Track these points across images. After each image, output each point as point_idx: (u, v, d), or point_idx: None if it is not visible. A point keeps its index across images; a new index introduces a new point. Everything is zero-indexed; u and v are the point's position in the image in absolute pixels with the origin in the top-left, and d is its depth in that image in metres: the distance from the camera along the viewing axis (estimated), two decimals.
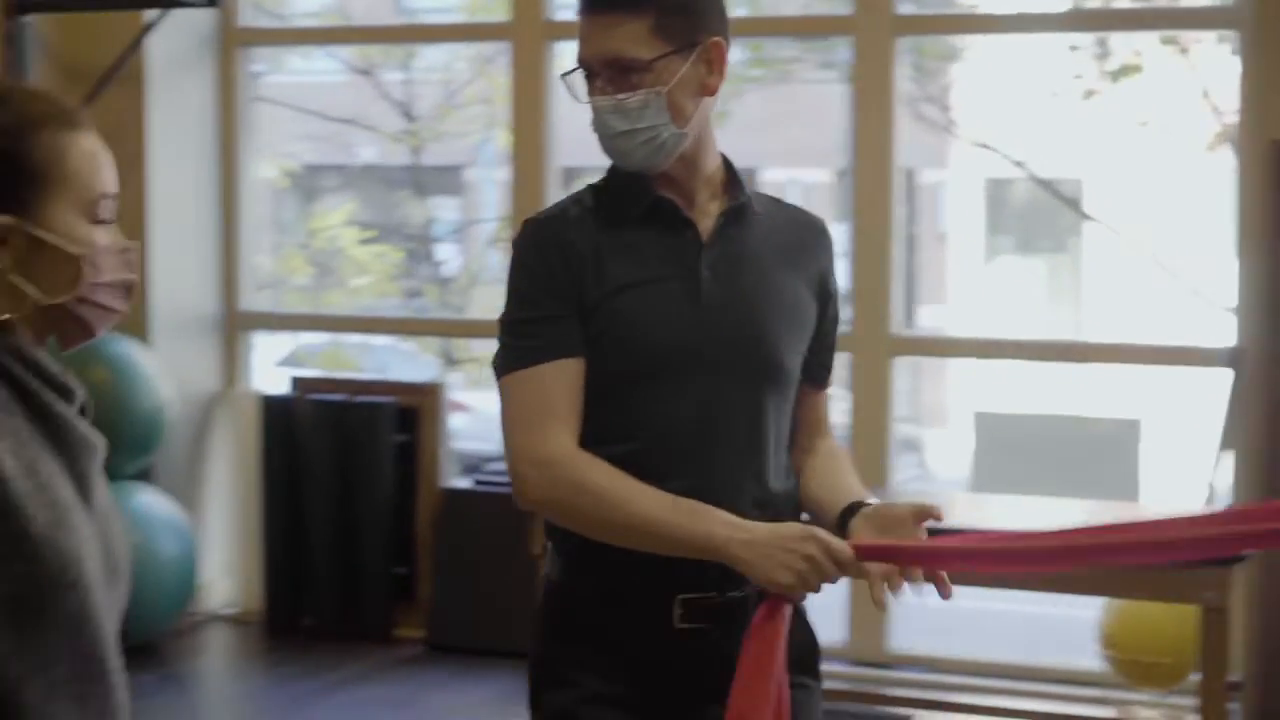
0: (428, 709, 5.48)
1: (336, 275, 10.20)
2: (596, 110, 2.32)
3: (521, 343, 2.31)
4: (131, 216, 6.33)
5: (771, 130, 12.01)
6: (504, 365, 2.33)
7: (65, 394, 1.79)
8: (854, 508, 2.29)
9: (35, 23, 6.17)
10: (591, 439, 2.29)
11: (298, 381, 6.62)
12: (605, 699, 2.30)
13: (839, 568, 2.17)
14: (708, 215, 2.39)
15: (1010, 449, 5.75)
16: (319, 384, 6.67)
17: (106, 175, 1.82)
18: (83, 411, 1.82)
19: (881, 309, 5.86)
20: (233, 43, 6.64)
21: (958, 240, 15.10)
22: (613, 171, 2.40)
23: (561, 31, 6.20)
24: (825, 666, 2.54)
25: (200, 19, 6.44)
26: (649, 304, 2.31)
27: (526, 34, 6.22)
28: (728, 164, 2.43)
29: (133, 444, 6.04)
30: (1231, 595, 3.93)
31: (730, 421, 2.33)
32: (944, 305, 14.74)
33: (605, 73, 2.31)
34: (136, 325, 6.30)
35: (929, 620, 6.56)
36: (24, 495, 1.68)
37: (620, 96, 2.30)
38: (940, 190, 14.96)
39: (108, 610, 1.76)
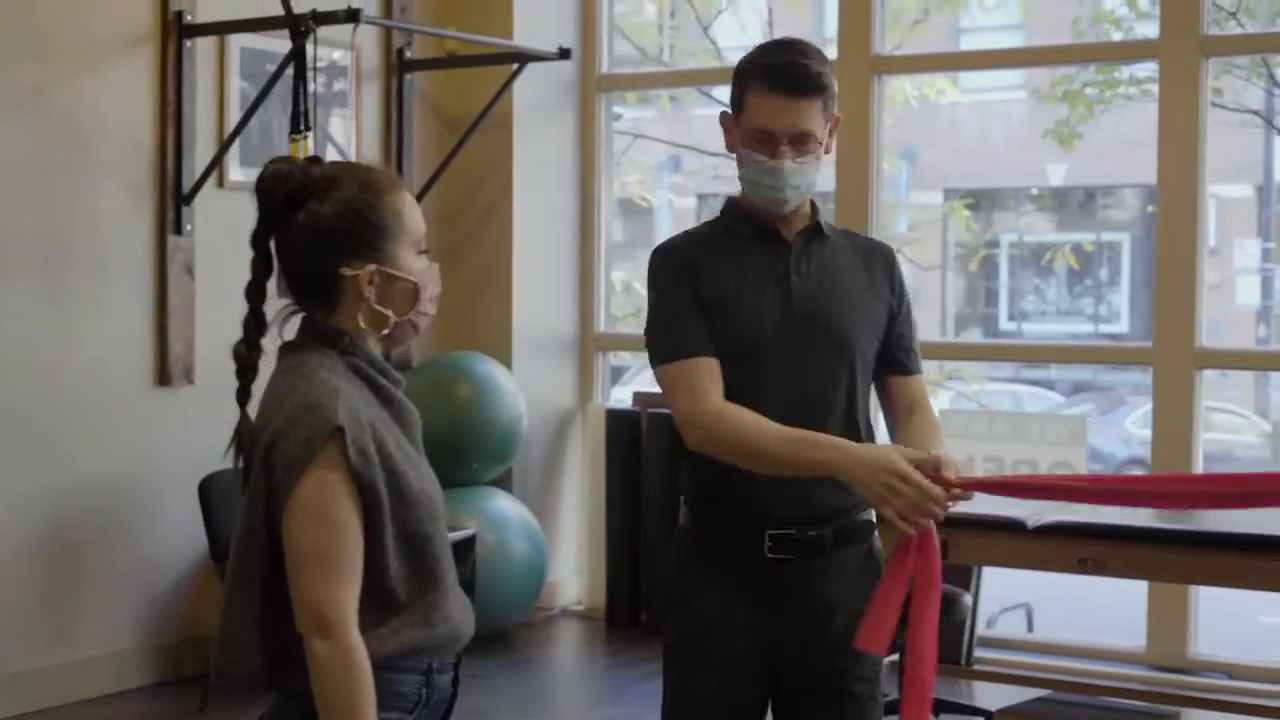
0: None
1: None
2: (781, 171, 2.92)
3: (666, 340, 2.96)
4: (501, 248, 7.06)
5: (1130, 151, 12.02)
6: (662, 355, 2.97)
7: (397, 383, 2.43)
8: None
9: (416, 79, 6.94)
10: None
11: (638, 397, 7.19)
12: (719, 610, 2.96)
13: (926, 495, 2.70)
14: (795, 237, 3.05)
15: None
16: (657, 398, 7.22)
17: (421, 220, 2.44)
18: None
19: (1187, 322, 6.05)
20: (592, 89, 7.30)
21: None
22: (725, 211, 3.06)
23: (884, 66, 6.63)
24: (1124, 670, 3.07)
25: (563, 69, 7.11)
26: (751, 295, 2.96)
27: (852, 70, 6.65)
28: (811, 200, 3.06)
29: (491, 453, 6.70)
30: None
31: (814, 388, 2.96)
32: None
33: (789, 141, 2.92)
34: (499, 346, 7.00)
35: (1229, 627, 6.66)
36: (399, 461, 2.33)
37: (801, 161, 2.94)
38: None
39: (446, 540, 2.44)
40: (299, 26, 5.63)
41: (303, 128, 5.70)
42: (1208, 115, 6.13)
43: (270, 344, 2.42)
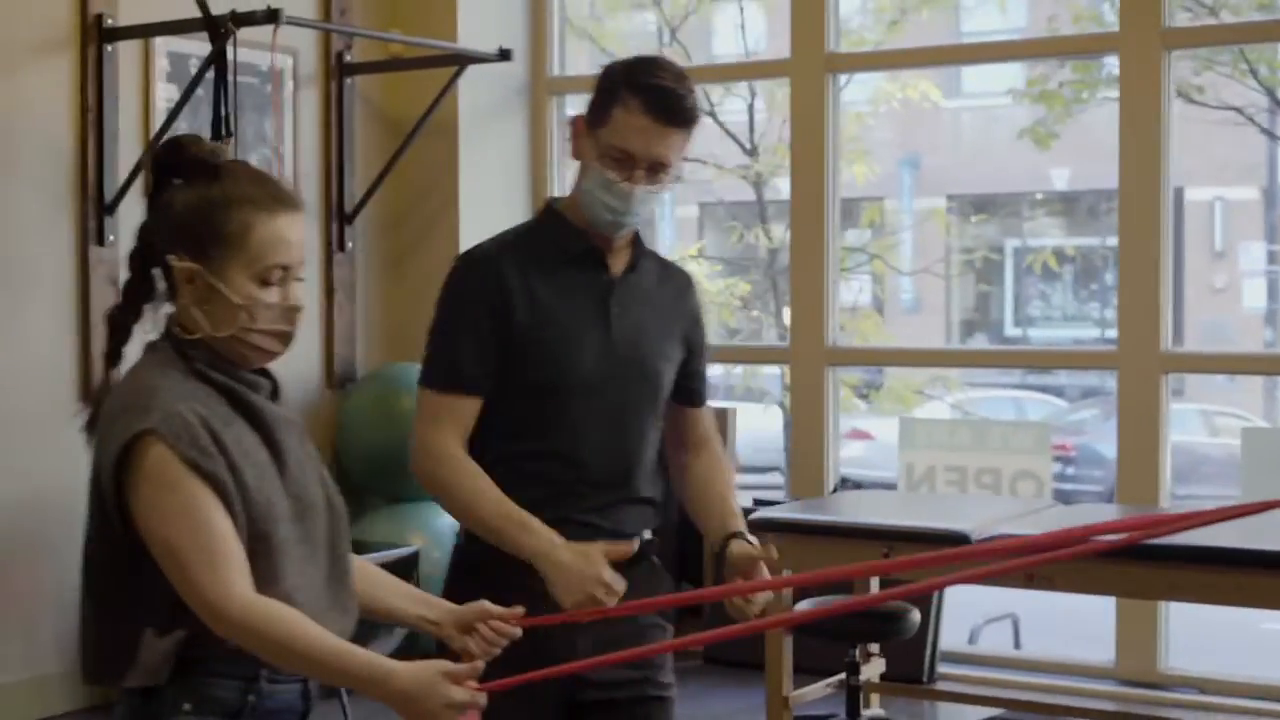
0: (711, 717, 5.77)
1: None
2: (632, 196, 2.80)
3: (440, 364, 2.86)
4: (446, 257, 6.85)
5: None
6: (431, 379, 2.88)
7: (253, 386, 2.34)
8: (730, 538, 2.91)
9: (357, 83, 6.74)
10: (509, 434, 2.86)
11: None
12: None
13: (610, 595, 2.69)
14: (618, 263, 2.95)
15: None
16: None
17: (286, 252, 2.31)
18: (275, 395, 2.40)
19: (1151, 327, 5.85)
20: (542, 91, 7.10)
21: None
22: (549, 219, 2.93)
23: (840, 64, 6.47)
24: (1094, 685, 2.96)
25: (512, 72, 6.91)
26: (572, 329, 2.86)
27: (805, 69, 6.44)
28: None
29: None
30: None
31: (629, 432, 2.91)
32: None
33: (648, 167, 2.79)
34: None
35: (1201, 640, 6.46)
36: (236, 457, 2.26)
37: (653, 189, 2.83)
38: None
39: (295, 541, 2.33)
40: (218, 28, 5.46)
41: (224, 133, 5.53)
42: (1171, 110, 5.90)
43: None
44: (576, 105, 7.64)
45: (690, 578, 6.56)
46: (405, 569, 6.09)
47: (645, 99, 2.76)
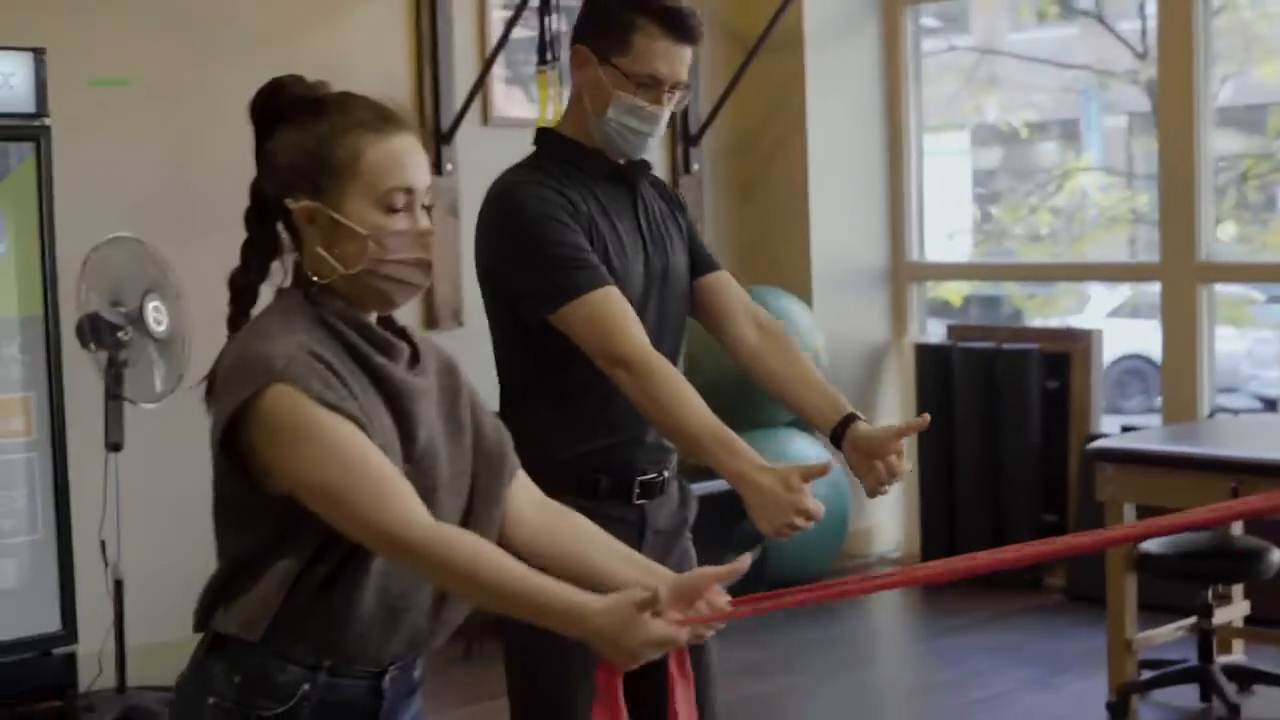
0: (1063, 656, 5.49)
1: (1077, 223, 10.05)
2: (659, 118, 2.77)
3: (563, 273, 2.70)
4: (794, 175, 6.68)
5: None
6: (560, 293, 2.70)
7: (384, 349, 2.14)
8: (848, 420, 2.76)
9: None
10: (557, 363, 2.76)
11: (951, 330, 6.71)
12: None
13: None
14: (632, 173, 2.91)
15: None
16: (971, 332, 6.72)
17: (403, 173, 2.12)
18: (415, 360, 2.18)
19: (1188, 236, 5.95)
20: (897, 0, 6.80)
21: None
22: (560, 146, 2.84)
23: None
24: None
25: None
26: (621, 247, 2.81)
27: None
28: None
29: None
30: None
31: (670, 346, 2.83)
32: None
33: (669, 88, 2.77)
34: (798, 281, 6.63)
35: None
36: (358, 413, 2.05)
37: (673, 108, 2.81)
38: None
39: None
40: None
41: (549, 58, 5.50)
42: None
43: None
44: (935, 15, 7.31)
45: None
46: (735, 506, 5.98)
47: (664, 23, 2.74)
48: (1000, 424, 6.43)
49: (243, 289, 2.17)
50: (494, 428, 2.29)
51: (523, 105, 6.06)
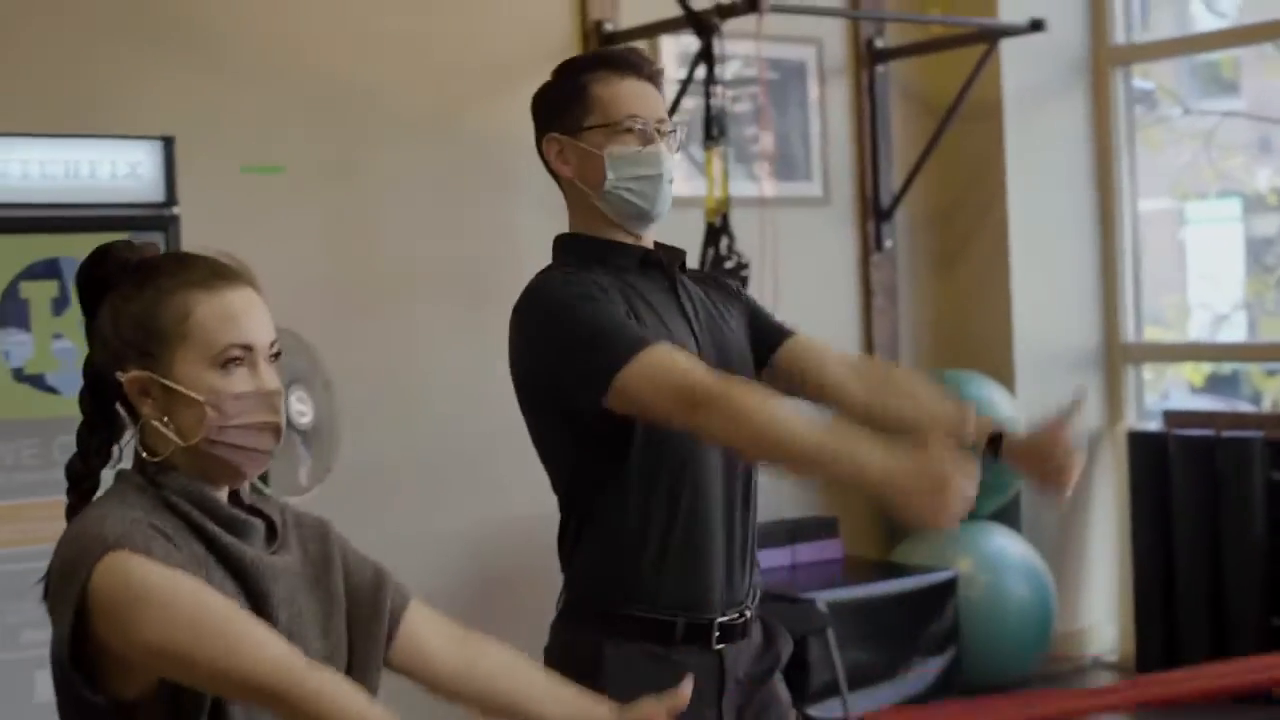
0: None
1: None
2: (660, 156, 2.59)
3: (610, 340, 2.46)
4: (994, 250, 6.29)
5: None
6: (613, 360, 2.43)
7: (234, 528, 1.96)
8: (997, 437, 2.64)
9: (891, 69, 6.28)
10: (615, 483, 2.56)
11: (1168, 416, 6.21)
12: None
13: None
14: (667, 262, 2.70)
15: None
16: (1190, 418, 6.20)
17: (238, 330, 1.95)
18: (273, 536, 2.01)
19: None
20: (1104, 62, 6.37)
21: None
22: (579, 246, 2.65)
23: None
24: None
25: (1067, 43, 6.26)
26: (664, 325, 2.60)
27: None
28: None
29: (988, 484, 5.96)
30: None
31: None
32: None
33: (657, 127, 2.61)
34: (998, 362, 6.23)
35: None
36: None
37: (670, 148, 2.63)
38: None
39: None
40: (703, 24, 5.19)
41: (715, 133, 5.26)
42: None
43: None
44: (1147, 75, 6.84)
45: None
46: (939, 597, 5.61)
47: (611, 65, 2.62)
48: (1220, 517, 5.91)
49: (81, 476, 1.99)
50: (370, 576, 2.08)
51: (688, 182, 5.81)
